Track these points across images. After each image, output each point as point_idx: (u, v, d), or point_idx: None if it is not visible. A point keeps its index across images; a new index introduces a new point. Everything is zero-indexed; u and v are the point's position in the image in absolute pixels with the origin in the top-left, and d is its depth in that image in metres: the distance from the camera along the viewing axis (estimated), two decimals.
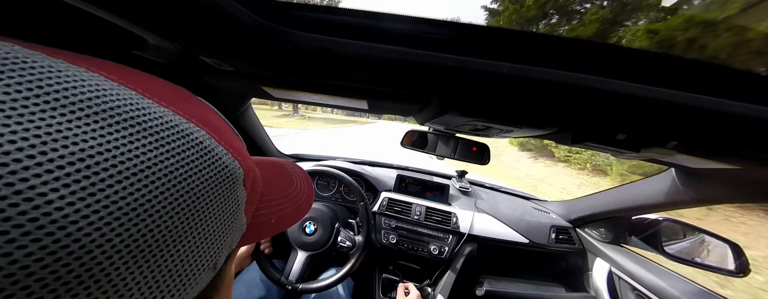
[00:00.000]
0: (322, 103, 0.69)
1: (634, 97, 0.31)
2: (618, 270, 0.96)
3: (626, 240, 1.02)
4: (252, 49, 0.37)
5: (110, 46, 0.39)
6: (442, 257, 1.02)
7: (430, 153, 0.84)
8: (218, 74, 0.51)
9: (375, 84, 0.45)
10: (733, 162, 0.48)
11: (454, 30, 0.32)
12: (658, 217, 0.93)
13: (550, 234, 1.10)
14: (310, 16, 0.33)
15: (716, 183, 0.63)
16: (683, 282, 0.82)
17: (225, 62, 0.44)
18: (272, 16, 0.32)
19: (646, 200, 0.86)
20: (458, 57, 0.32)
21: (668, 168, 0.73)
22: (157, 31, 0.33)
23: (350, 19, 0.33)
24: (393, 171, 1.36)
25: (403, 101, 0.52)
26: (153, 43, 0.39)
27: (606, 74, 0.31)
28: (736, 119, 0.31)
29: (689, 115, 0.33)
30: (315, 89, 0.52)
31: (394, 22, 0.32)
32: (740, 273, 0.76)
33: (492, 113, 0.48)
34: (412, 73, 0.36)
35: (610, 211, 1.01)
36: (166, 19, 0.30)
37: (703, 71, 0.31)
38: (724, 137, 0.38)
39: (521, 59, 0.32)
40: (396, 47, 0.32)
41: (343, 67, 0.39)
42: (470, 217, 1.09)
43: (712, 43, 9.99)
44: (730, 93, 0.30)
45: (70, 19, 0.33)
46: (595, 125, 0.45)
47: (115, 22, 0.31)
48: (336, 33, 0.33)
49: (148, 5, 0.28)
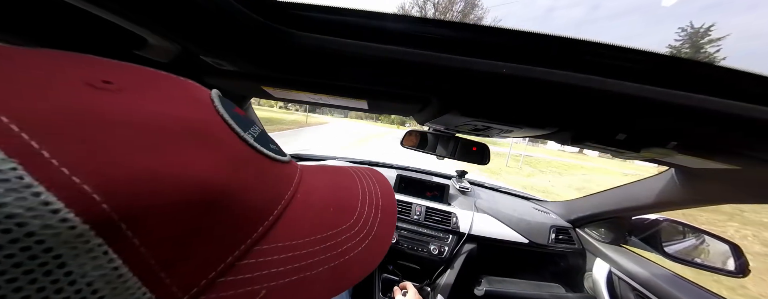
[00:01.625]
0: (322, 103, 0.69)
1: (634, 97, 0.31)
2: (618, 271, 0.96)
3: (626, 241, 1.02)
4: (252, 49, 0.37)
5: (111, 45, 0.39)
6: (442, 257, 1.02)
7: (430, 153, 0.84)
8: (218, 74, 0.51)
9: (375, 84, 0.45)
10: (733, 163, 0.48)
11: (454, 30, 0.32)
12: (658, 217, 0.93)
13: (550, 235, 1.10)
14: (310, 16, 0.33)
15: (716, 183, 0.63)
16: (683, 283, 0.82)
17: (225, 62, 0.44)
18: (272, 16, 0.32)
19: (646, 200, 0.86)
20: (458, 57, 0.32)
21: (667, 168, 0.73)
22: (157, 30, 0.33)
23: (350, 19, 0.33)
24: (393, 171, 1.36)
25: (403, 101, 0.52)
26: (153, 43, 0.39)
27: (606, 74, 0.31)
28: (736, 119, 0.31)
29: (689, 115, 0.33)
30: (315, 89, 0.52)
31: (395, 21, 0.32)
32: (740, 274, 0.76)
33: (492, 113, 0.48)
34: (412, 73, 0.36)
35: (610, 211, 1.01)
36: (166, 18, 0.30)
37: (703, 71, 0.31)
38: (724, 137, 0.38)
39: (521, 59, 0.32)
40: (396, 47, 0.32)
41: (343, 67, 0.39)
42: (470, 217, 1.09)
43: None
44: (730, 93, 0.30)
45: (71, 19, 0.33)
46: (595, 125, 0.45)
47: (115, 22, 0.31)
48: (336, 33, 0.33)
49: (148, 5, 0.28)
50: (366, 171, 0.26)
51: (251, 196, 0.15)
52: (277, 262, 0.15)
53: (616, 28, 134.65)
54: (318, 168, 0.25)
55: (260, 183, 0.17)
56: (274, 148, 0.21)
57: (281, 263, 0.15)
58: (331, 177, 0.24)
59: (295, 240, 0.16)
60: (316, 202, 0.19)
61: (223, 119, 0.16)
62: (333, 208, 0.19)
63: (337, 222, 0.18)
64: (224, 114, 0.17)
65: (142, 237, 0.11)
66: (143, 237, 0.11)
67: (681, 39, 25.88)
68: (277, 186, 0.18)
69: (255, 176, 0.16)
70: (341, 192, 0.22)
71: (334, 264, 0.16)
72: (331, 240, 0.17)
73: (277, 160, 0.20)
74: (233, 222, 0.14)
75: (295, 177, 0.21)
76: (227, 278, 0.14)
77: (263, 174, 0.17)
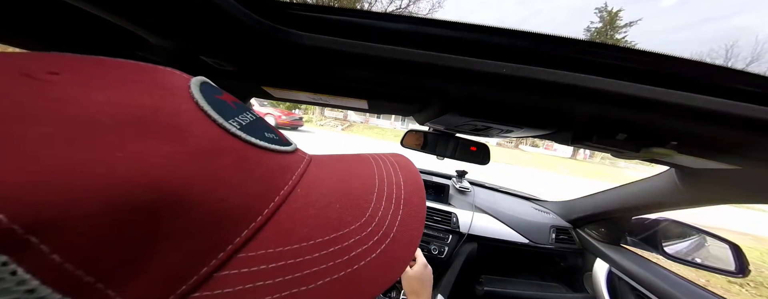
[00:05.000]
0: (322, 103, 0.69)
1: (634, 97, 0.31)
2: (618, 271, 0.96)
3: (626, 241, 1.02)
4: (252, 49, 0.37)
5: (112, 46, 0.39)
6: (442, 257, 1.02)
7: (430, 153, 0.84)
8: (218, 74, 0.51)
9: (375, 84, 0.45)
10: (733, 162, 0.48)
11: (454, 30, 0.32)
12: (658, 217, 0.93)
13: (550, 234, 1.10)
14: (310, 16, 0.33)
15: (716, 183, 0.63)
16: (683, 283, 0.82)
17: (225, 62, 0.44)
18: (272, 16, 0.32)
19: (646, 200, 0.86)
20: (458, 57, 0.32)
21: (668, 168, 0.73)
22: (157, 31, 0.34)
23: (350, 19, 0.33)
24: None
25: (403, 101, 0.52)
26: (153, 43, 0.39)
27: (606, 74, 0.31)
28: (736, 119, 0.31)
29: (689, 115, 0.33)
30: (315, 89, 0.52)
31: (394, 21, 0.32)
32: (740, 274, 0.76)
33: (492, 113, 0.48)
34: (412, 73, 0.36)
35: (610, 211, 1.01)
36: (166, 19, 0.31)
37: (703, 71, 0.31)
38: (724, 137, 0.38)
39: (521, 59, 0.32)
40: (396, 47, 0.32)
41: (343, 67, 0.39)
42: (470, 217, 1.09)
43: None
44: (730, 93, 0.30)
45: (72, 20, 0.33)
46: (595, 125, 0.45)
47: (115, 23, 0.31)
48: (336, 32, 0.33)
49: (149, 5, 0.28)
50: (387, 156, 0.23)
51: (230, 193, 0.13)
52: (266, 273, 0.12)
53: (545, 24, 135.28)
54: (332, 156, 0.22)
55: (242, 176, 0.14)
56: (271, 136, 0.18)
57: (271, 274, 0.12)
58: (343, 165, 0.20)
59: (289, 245, 0.13)
60: (318, 198, 0.16)
61: (198, 106, 0.14)
62: (339, 204, 0.16)
63: (343, 222, 0.15)
64: (199, 100, 0.15)
65: (64, 251, 0.09)
66: (67, 251, 0.09)
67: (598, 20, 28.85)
68: (269, 179, 0.16)
69: (234, 168, 0.14)
70: (352, 183, 0.18)
71: (340, 276, 0.13)
72: (336, 244, 0.14)
73: (271, 150, 0.17)
74: (205, 226, 0.12)
75: (297, 168, 0.18)
76: (202, 293, 0.12)
77: (247, 166, 0.15)
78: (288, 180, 0.17)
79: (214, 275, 0.12)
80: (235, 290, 0.12)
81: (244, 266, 0.12)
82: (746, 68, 0.29)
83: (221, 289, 0.12)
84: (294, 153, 0.19)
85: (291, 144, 0.20)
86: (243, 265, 0.12)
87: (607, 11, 28.13)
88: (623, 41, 26.43)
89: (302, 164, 0.19)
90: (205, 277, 0.12)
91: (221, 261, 0.12)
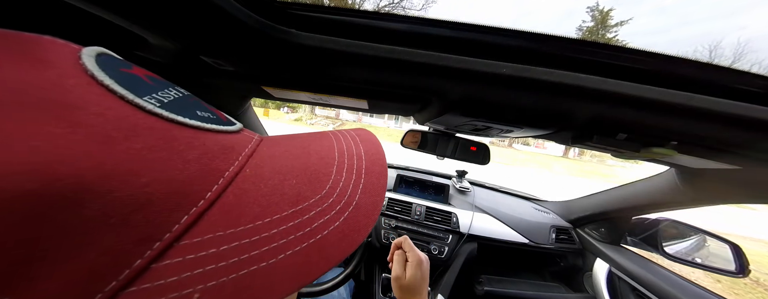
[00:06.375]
0: (322, 103, 0.69)
1: (634, 97, 0.31)
2: (618, 270, 0.96)
3: (626, 241, 1.02)
4: (252, 49, 0.37)
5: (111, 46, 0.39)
6: (442, 257, 1.02)
7: (430, 153, 0.84)
8: (218, 74, 0.51)
9: (375, 84, 0.45)
10: (733, 162, 0.48)
11: (454, 30, 0.32)
12: (658, 217, 0.93)
13: (550, 234, 1.10)
14: (310, 16, 0.33)
15: (716, 183, 0.63)
16: (683, 283, 0.82)
17: (225, 62, 0.44)
18: (272, 16, 0.32)
19: (646, 200, 0.86)
20: (458, 57, 0.32)
21: (667, 168, 0.73)
22: (158, 30, 0.33)
23: (350, 19, 0.33)
24: (393, 171, 1.36)
25: (403, 101, 0.52)
26: (153, 43, 0.39)
27: (606, 74, 0.31)
28: (736, 119, 0.31)
29: (689, 115, 0.33)
30: (315, 89, 0.52)
31: (394, 21, 0.32)
32: (740, 274, 0.76)
33: (492, 113, 0.48)
34: (412, 73, 0.36)
35: (610, 211, 1.01)
36: (166, 18, 0.31)
37: (703, 71, 0.31)
38: (724, 137, 0.38)
39: (521, 59, 0.32)
40: (396, 47, 0.32)
41: (344, 67, 0.39)
42: (470, 217, 1.09)
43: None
44: (730, 93, 0.30)
45: (71, 19, 0.33)
46: (595, 125, 0.45)
47: (115, 22, 0.31)
48: (336, 32, 0.33)
49: (149, 5, 0.28)
50: (349, 131, 0.22)
51: (155, 177, 0.12)
52: (215, 257, 0.12)
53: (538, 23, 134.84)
54: (288, 135, 0.21)
55: (170, 159, 0.13)
56: (205, 115, 0.16)
57: (221, 257, 0.12)
58: (299, 142, 0.19)
59: (242, 225, 0.13)
60: (271, 175, 0.15)
61: (94, 80, 0.13)
62: (296, 180, 0.15)
63: (302, 197, 0.15)
64: (96, 73, 0.13)
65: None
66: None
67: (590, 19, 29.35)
68: (208, 161, 0.14)
69: (157, 150, 0.12)
70: (309, 159, 0.17)
71: (302, 247, 0.13)
72: (295, 218, 0.14)
73: (206, 129, 0.16)
74: (129, 215, 0.11)
75: (245, 149, 0.17)
76: (141, 286, 0.11)
77: (174, 147, 0.13)
78: (233, 161, 0.15)
79: (152, 266, 0.11)
80: (180, 278, 0.11)
81: (189, 253, 0.12)
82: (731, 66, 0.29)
83: (164, 279, 0.11)
84: (238, 133, 0.18)
85: (234, 124, 0.19)
86: (187, 252, 0.12)
87: (598, 10, 28.63)
88: (615, 40, 26.93)
89: (250, 144, 0.18)
90: (141, 270, 0.11)
91: (159, 251, 0.11)
